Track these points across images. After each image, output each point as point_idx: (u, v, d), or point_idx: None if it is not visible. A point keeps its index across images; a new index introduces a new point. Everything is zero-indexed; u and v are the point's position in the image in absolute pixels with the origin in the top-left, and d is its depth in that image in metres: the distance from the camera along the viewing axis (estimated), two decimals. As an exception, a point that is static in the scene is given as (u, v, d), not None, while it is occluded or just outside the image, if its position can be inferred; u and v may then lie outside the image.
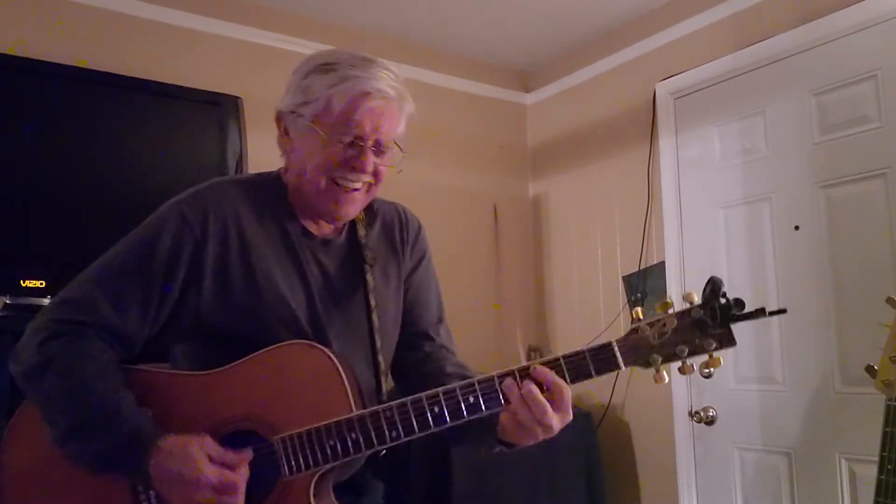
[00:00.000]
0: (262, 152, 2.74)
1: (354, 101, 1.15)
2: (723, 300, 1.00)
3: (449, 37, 3.17)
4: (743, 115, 2.57)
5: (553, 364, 1.06)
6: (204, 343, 1.19)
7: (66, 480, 1.09)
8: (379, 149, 1.19)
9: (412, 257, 1.37)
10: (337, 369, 1.10)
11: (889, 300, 1.56)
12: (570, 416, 1.08)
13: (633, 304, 2.89)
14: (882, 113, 2.18)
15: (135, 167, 2.36)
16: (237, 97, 2.56)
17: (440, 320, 1.39)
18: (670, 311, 1.04)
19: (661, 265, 2.80)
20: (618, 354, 1.04)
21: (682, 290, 2.72)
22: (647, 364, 1.04)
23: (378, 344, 1.26)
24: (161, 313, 1.15)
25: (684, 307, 1.03)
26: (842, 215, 2.26)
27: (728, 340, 1.02)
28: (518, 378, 1.06)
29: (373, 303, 1.26)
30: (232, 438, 1.10)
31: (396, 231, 1.35)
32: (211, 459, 1.03)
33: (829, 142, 2.31)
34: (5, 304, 2.13)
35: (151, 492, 1.08)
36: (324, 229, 1.27)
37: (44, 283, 2.13)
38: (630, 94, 2.98)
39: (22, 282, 2.11)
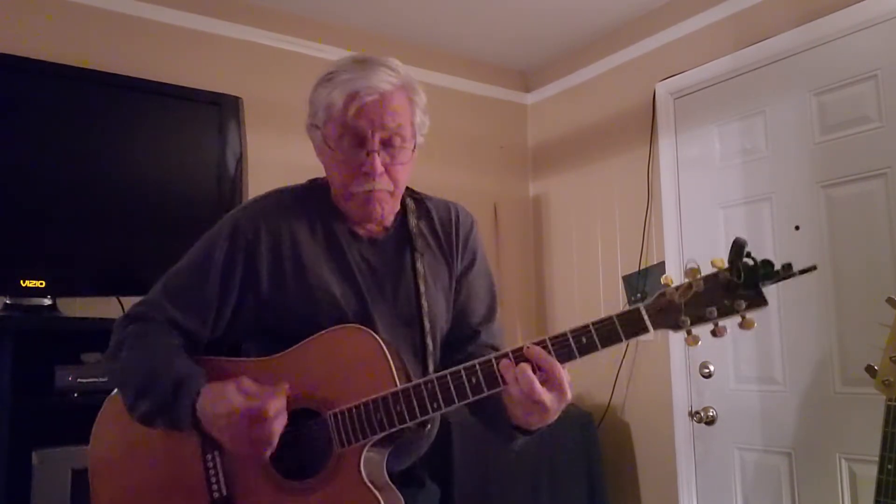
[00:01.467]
0: (263, 152, 2.77)
1: (347, 103, 1.19)
2: (749, 261, 0.99)
3: (449, 37, 3.17)
4: (743, 115, 2.57)
5: (584, 330, 1.07)
6: (267, 340, 1.27)
7: (147, 455, 1.23)
8: (388, 145, 1.21)
9: (464, 257, 1.39)
10: (382, 350, 1.17)
11: (889, 300, 1.56)
12: (569, 396, 1.09)
13: (633, 304, 2.88)
14: (882, 113, 2.18)
15: (135, 167, 2.36)
16: (237, 97, 2.57)
17: (490, 320, 1.40)
18: (697, 276, 1.03)
19: (661, 265, 2.80)
20: (645, 317, 1.04)
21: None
22: (676, 327, 1.04)
23: (427, 327, 1.30)
24: (221, 316, 1.25)
25: (711, 272, 1.03)
26: (842, 215, 2.26)
27: (759, 300, 1.00)
28: (513, 358, 1.10)
29: (422, 288, 1.30)
30: (293, 417, 1.17)
31: (449, 229, 1.38)
32: (248, 395, 1.12)
33: (829, 142, 2.31)
34: (5, 304, 2.13)
35: (216, 452, 1.19)
36: (371, 229, 1.32)
37: (44, 283, 2.13)
38: (630, 94, 2.98)
39: (22, 282, 2.11)
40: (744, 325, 1.02)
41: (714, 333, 1.04)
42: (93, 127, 2.30)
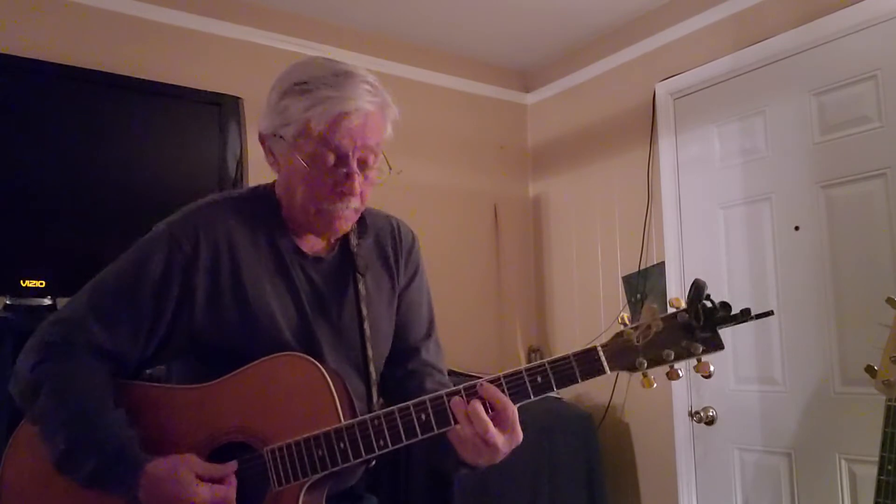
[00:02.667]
0: (262, 153, 2.76)
1: (333, 124, 1.12)
2: (708, 303, 0.99)
3: (449, 37, 3.17)
4: (743, 115, 2.57)
5: (539, 369, 1.04)
6: (195, 362, 1.20)
7: (64, 496, 1.11)
8: (364, 164, 1.17)
9: (406, 272, 1.35)
10: (326, 381, 1.10)
11: (889, 300, 1.56)
12: (519, 437, 1.06)
13: (633, 304, 2.89)
14: (882, 113, 2.18)
15: (135, 167, 2.36)
16: (238, 97, 2.56)
17: (429, 335, 1.37)
18: (655, 316, 1.02)
19: (661, 265, 2.80)
20: (603, 359, 1.02)
21: (683, 290, 2.72)
22: (632, 368, 1.02)
23: (370, 354, 1.25)
24: (153, 334, 1.16)
25: (670, 312, 1.02)
26: (842, 215, 2.26)
27: (715, 344, 1.00)
28: (465, 396, 1.05)
29: (364, 311, 1.25)
30: (224, 450, 1.11)
31: (389, 245, 1.33)
32: (199, 477, 1.05)
33: (829, 142, 2.31)
34: (5, 304, 2.13)
35: None
36: (315, 246, 1.26)
37: (44, 283, 2.13)
38: (630, 94, 2.98)
39: (22, 282, 2.11)
40: (698, 368, 1.01)
41: (669, 376, 1.03)
42: (93, 127, 2.30)
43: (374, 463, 1.14)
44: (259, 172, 2.61)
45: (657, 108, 2.85)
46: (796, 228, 2.37)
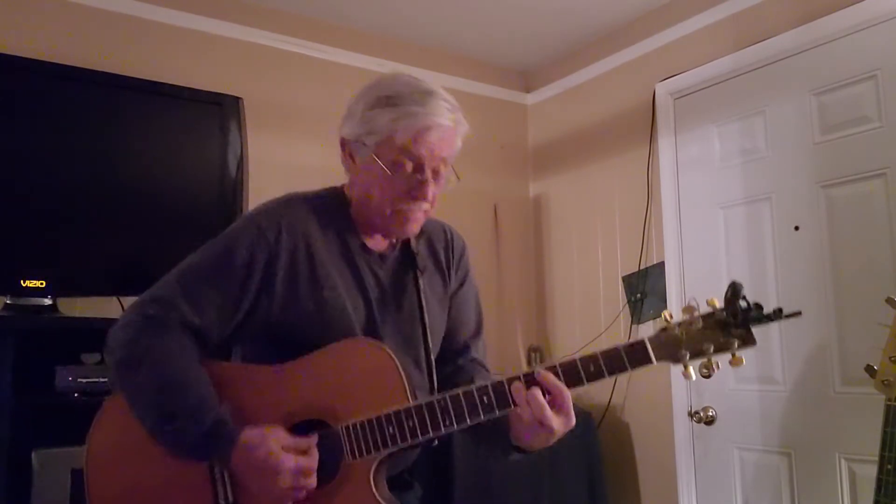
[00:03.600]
0: (263, 152, 2.76)
1: (417, 136, 1.23)
2: (743, 303, 1.10)
3: (449, 37, 3.17)
4: (743, 115, 2.57)
5: (592, 358, 1.14)
6: (268, 345, 1.28)
7: (150, 461, 1.21)
8: (436, 174, 1.28)
9: (457, 276, 1.47)
10: (396, 365, 1.19)
11: (889, 300, 1.57)
12: (573, 421, 1.17)
13: (632, 304, 2.89)
14: (882, 113, 2.18)
15: (136, 167, 2.36)
16: (238, 97, 2.57)
17: (478, 335, 1.51)
18: (696, 313, 1.13)
19: (661, 265, 2.80)
20: (650, 349, 1.13)
21: (682, 290, 2.73)
22: (676, 359, 1.13)
23: (431, 344, 1.36)
24: (234, 316, 1.25)
25: (708, 311, 1.13)
26: (842, 215, 2.27)
27: (749, 340, 1.11)
28: (524, 382, 1.15)
29: (425, 306, 1.36)
30: (300, 427, 1.19)
31: (442, 249, 1.45)
32: (284, 448, 1.14)
33: (829, 142, 2.31)
34: (5, 304, 2.13)
35: (225, 471, 1.18)
36: (380, 244, 1.37)
37: (44, 283, 2.13)
38: (630, 94, 2.98)
39: (22, 282, 2.11)
40: (733, 362, 1.12)
41: (705, 367, 1.15)
42: (93, 127, 2.30)
43: (436, 443, 1.22)
44: (260, 172, 2.63)
45: (657, 108, 2.85)
46: (796, 228, 2.37)
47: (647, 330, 2.84)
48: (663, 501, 2.72)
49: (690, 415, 2.62)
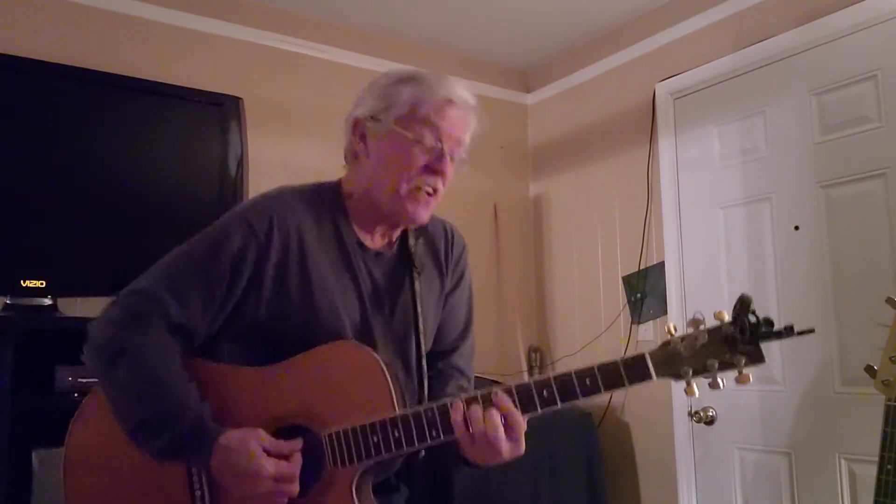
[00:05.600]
0: (263, 152, 2.76)
1: (440, 107, 1.22)
2: (752, 318, 1.02)
3: (449, 37, 3.17)
4: (743, 115, 2.57)
5: (588, 373, 1.07)
6: (254, 344, 1.24)
7: (127, 462, 1.17)
8: (451, 157, 1.25)
9: (454, 276, 1.42)
10: (382, 370, 1.15)
11: (889, 300, 1.56)
12: (522, 450, 1.12)
13: (632, 304, 2.89)
14: (882, 113, 2.18)
15: (136, 167, 2.36)
16: (238, 98, 2.57)
17: (464, 339, 1.43)
18: (701, 327, 1.06)
19: (661, 265, 2.80)
20: (650, 365, 1.06)
21: (682, 290, 2.73)
22: (678, 376, 1.06)
23: (423, 349, 1.31)
24: (222, 313, 1.21)
25: (714, 324, 1.06)
26: (842, 215, 2.26)
27: (757, 357, 1.03)
28: (482, 403, 1.09)
29: (419, 309, 1.31)
30: (284, 432, 1.16)
31: (442, 247, 1.40)
32: (267, 452, 1.10)
33: (829, 142, 2.31)
34: (5, 304, 2.13)
35: (203, 476, 1.15)
36: (377, 242, 1.32)
37: (44, 283, 2.13)
38: (630, 94, 2.98)
39: (22, 282, 2.11)
40: (740, 379, 1.04)
41: (711, 386, 1.06)
42: (93, 127, 2.30)
43: (423, 454, 1.19)
44: (260, 172, 2.63)
45: (657, 108, 2.85)
46: (796, 228, 2.37)
47: (646, 330, 2.85)
48: (663, 501, 2.72)
49: (690, 415, 2.62)
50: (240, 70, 2.73)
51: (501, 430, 1.07)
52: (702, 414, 2.58)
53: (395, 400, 1.13)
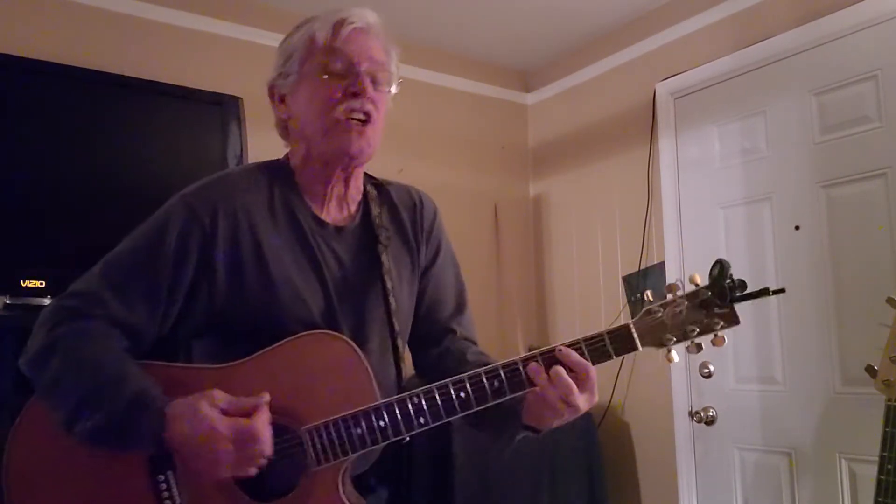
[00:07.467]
0: (263, 152, 2.74)
1: (336, 29, 1.16)
2: (729, 281, 1.06)
3: (449, 37, 3.17)
4: (743, 115, 2.57)
5: (574, 346, 1.08)
6: (220, 338, 1.16)
7: (78, 471, 1.06)
8: (375, 81, 1.18)
9: (428, 247, 1.32)
10: (360, 358, 1.09)
11: (889, 300, 1.57)
12: (596, 398, 1.09)
13: (633, 304, 2.89)
14: (882, 113, 2.18)
15: (136, 167, 2.36)
16: (238, 97, 2.56)
17: (460, 311, 1.35)
18: (679, 293, 1.09)
19: (661, 265, 2.80)
20: (635, 336, 1.07)
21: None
22: (660, 344, 1.08)
23: (396, 328, 1.23)
24: (171, 309, 1.12)
25: (691, 289, 1.09)
26: (842, 215, 2.26)
27: (733, 319, 1.07)
28: (542, 361, 1.07)
29: (389, 285, 1.22)
30: None
31: (408, 218, 1.30)
32: (225, 412, 1.00)
33: (829, 142, 2.31)
34: (5, 304, 2.13)
35: (169, 472, 1.04)
36: (334, 214, 1.23)
37: (44, 283, 2.13)
38: (630, 94, 2.98)
39: (22, 282, 2.11)
40: (715, 342, 1.08)
41: (689, 350, 1.10)
42: (94, 127, 2.30)
43: (407, 440, 1.11)
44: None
45: (657, 108, 2.85)
46: (796, 228, 2.37)
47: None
48: (663, 501, 2.72)
49: (691, 415, 2.62)
50: (240, 70, 2.72)
51: (574, 385, 1.05)
52: (702, 414, 2.58)
53: (376, 388, 1.08)
